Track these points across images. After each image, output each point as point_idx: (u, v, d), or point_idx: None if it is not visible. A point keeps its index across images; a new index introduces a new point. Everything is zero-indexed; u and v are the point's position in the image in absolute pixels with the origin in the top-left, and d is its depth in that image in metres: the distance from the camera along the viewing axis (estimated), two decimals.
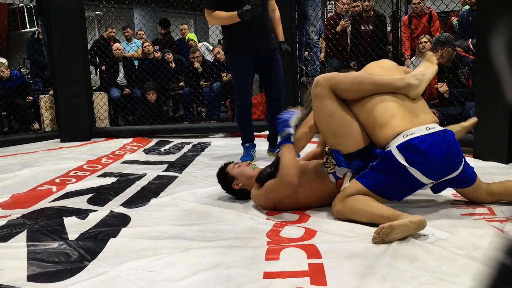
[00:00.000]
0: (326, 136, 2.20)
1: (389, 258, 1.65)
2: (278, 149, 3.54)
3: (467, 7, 5.75)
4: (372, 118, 2.08)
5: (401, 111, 2.07)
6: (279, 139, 2.30)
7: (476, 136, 3.35)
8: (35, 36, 7.05)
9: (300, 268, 1.61)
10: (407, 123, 2.02)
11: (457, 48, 4.43)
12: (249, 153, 3.68)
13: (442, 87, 4.26)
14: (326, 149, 2.29)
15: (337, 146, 2.15)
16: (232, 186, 2.47)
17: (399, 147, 1.95)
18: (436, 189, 2.14)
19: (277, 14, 3.58)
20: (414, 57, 5.46)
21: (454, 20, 5.95)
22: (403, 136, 1.97)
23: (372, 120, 2.08)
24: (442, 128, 2.03)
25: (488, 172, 2.73)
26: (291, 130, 2.21)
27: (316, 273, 1.57)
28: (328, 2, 7.41)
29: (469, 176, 2.10)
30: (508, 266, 0.40)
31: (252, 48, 3.42)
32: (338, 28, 5.61)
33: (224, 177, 2.51)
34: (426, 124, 2.03)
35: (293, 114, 2.24)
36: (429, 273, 1.54)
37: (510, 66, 0.38)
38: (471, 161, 3.24)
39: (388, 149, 1.99)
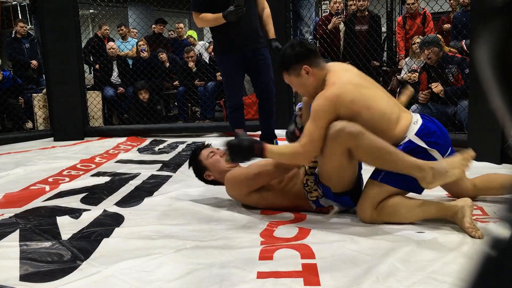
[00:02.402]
0: (322, 174, 2.11)
1: (382, 258, 1.66)
2: None
3: (459, 8, 5.78)
4: (386, 117, 2.02)
5: (399, 106, 2.13)
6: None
7: (469, 136, 3.37)
8: (13, 36, 6.98)
9: (294, 269, 1.62)
10: (409, 114, 2.10)
11: (444, 48, 4.46)
12: None
13: (437, 87, 4.28)
14: (307, 168, 2.18)
15: (327, 184, 2.09)
16: (204, 176, 2.44)
17: (418, 134, 2.00)
18: None
19: (266, 11, 3.59)
20: (408, 58, 5.48)
21: (447, 26, 5.98)
22: (414, 123, 2.03)
23: (387, 119, 2.02)
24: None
25: (481, 172, 2.73)
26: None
27: (310, 274, 1.57)
28: (322, 2, 7.41)
29: None
30: (492, 259, 0.40)
31: (239, 48, 3.44)
32: (330, 26, 5.58)
33: (197, 164, 2.45)
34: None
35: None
36: (422, 272, 1.55)
37: (494, 75, 0.39)
38: None
39: (406, 139, 2.00)
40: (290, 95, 5.04)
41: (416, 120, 2.04)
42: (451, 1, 6.08)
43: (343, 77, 2.06)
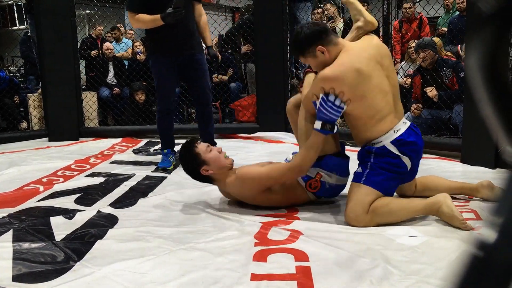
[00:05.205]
0: (300, 137, 2.28)
1: (376, 261, 1.66)
2: None
3: (455, 12, 5.81)
4: (371, 113, 2.10)
5: (392, 105, 2.15)
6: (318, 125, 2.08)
7: (464, 140, 3.38)
8: (28, 34, 6.98)
9: (288, 271, 1.62)
10: (396, 118, 2.15)
11: (440, 51, 4.49)
12: (167, 159, 3.55)
13: (431, 92, 4.29)
14: (290, 157, 2.30)
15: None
16: (200, 171, 2.27)
17: (393, 142, 2.09)
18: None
19: (203, 18, 3.50)
20: (404, 62, 5.50)
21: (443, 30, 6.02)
22: (394, 131, 2.10)
23: (372, 115, 2.10)
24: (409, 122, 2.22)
25: (475, 177, 2.75)
26: (337, 124, 2.11)
27: (303, 276, 1.57)
28: (317, 6, 7.42)
29: None
30: (478, 261, 0.41)
31: (174, 51, 3.35)
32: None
33: (193, 158, 2.29)
34: (402, 116, 2.21)
35: (339, 112, 2.05)
36: (415, 276, 1.55)
37: (484, 83, 0.39)
38: (458, 165, 3.28)
39: (381, 144, 2.10)
40: (286, 99, 5.04)
41: (398, 129, 2.11)
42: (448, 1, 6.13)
43: (353, 61, 2.07)
